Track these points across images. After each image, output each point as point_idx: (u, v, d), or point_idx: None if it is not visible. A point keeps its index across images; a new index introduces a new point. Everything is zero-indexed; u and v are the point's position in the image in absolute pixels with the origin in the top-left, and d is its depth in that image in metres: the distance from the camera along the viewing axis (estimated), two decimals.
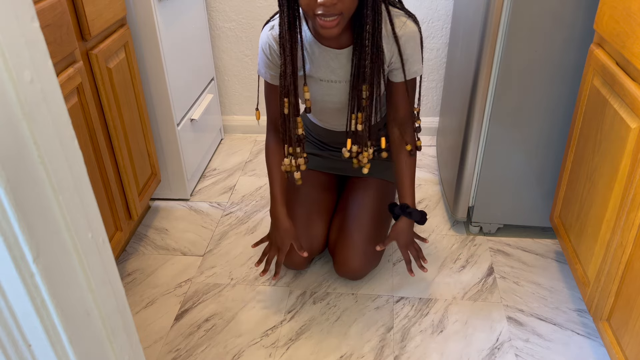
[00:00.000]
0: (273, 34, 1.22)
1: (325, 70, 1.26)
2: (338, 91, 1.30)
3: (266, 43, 1.24)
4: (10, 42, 0.43)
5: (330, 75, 1.27)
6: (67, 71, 1.14)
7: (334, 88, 1.29)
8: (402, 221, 1.33)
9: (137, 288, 1.48)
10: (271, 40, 1.23)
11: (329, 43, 1.24)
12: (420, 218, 1.32)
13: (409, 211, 1.32)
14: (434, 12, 1.97)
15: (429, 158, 2.05)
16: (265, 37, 1.24)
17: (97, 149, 1.28)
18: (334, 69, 1.26)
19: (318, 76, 1.28)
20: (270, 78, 1.29)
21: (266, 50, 1.25)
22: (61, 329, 0.52)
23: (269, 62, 1.26)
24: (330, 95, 1.31)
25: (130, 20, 1.51)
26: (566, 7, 1.26)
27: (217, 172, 2.01)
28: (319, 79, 1.28)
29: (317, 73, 1.27)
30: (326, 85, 1.29)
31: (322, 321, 1.36)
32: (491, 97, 1.41)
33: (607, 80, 1.12)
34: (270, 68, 1.27)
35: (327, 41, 1.23)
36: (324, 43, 1.24)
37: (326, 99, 1.32)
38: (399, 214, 1.33)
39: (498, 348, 1.28)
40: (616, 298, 1.08)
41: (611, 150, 1.10)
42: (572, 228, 1.31)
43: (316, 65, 1.26)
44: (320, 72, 1.27)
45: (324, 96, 1.31)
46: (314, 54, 1.25)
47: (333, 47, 1.23)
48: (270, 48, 1.24)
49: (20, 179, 0.45)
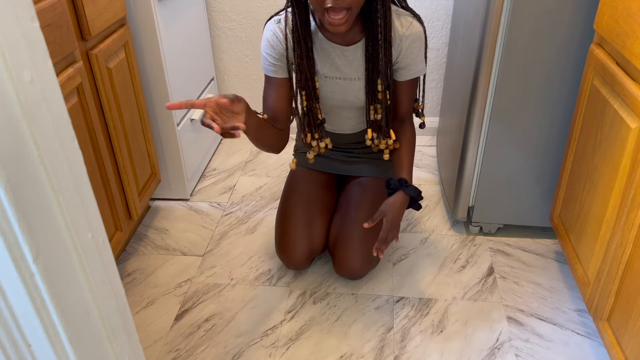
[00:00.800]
0: (280, 26, 1.24)
1: (331, 67, 1.28)
2: (342, 89, 1.30)
3: (272, 33, 1.25)
4: (10, 42, 0.43)
5: (335, 72, 1.28)
6: (67, 71, 1.14)
7: (337, 85, 1.30)
8: (397, 196, 1.27)
9: (137, 288, 1.48)
10: (277, 30, 1.25)
11: (335, 39, 1.24)
12: (417, 194, 1.28)
13: (406, 185, 1.28)
14: (434, 12, 1.97)
15: (429, 158, 2.05)
16: (272, 27, 1.26)
17: (97, 149, 1.28)
18: (340, 66, 1.27)
19: (323, 73, 1.29)
20: (275, 71, 1.29)
21: (272, 40, 1.25)
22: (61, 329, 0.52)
23: (274, 54, 1.27)
24: (334, 92, 1.31)
25: (130, 20, 1.51)
26: (566, 7, 1.26)
27: (217, 172, 2.01)
28: (324, 76, 1.29)
29: (323, 70, 1.29)
30: (331, 83, 1.30)
31: (322, 321, 1.36)
32: (491, 97, 1.41)
33: (607, 80, 1.12)
34: (276, 59, 1.27)
35: (334, 37, 1.24)
36: (331, 39, 1.24)
37: (329, 97, 1.33)
38: (396, 188, 1.28)
39: (498, 348, 1.28)
40: (616, 298, 1.08)
41: (611, 150, 1.10)
42: (572, 228, 1.31)
43: (322, 62, 1.28)
44: (325, 68, 1.28)
45: (327, 93, 1.32)
46: (320, 51, 1.27)
47: (340, 43, 1.25)
48: (277, 37, 1.25)
49: (20, 179, 0.45)
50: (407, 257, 1.56)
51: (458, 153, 1.55)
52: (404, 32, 1.22)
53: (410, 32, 1.22)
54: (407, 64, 1.27)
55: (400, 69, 1.28)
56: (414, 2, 1.95)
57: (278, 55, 1.26)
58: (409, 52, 1.24)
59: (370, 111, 1.32)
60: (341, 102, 1.34)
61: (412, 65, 1.27)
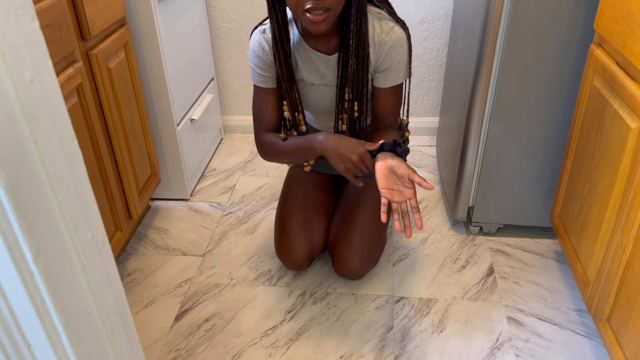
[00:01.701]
0: (265, 36, 1.23)
1: (316, 74, 1.27)
2: (329, 94, 1.30)
3: (257, 43, 1.25)
4: (10, 42, 0.43)
5: (321, 80, 1.28)
6: (67, 71, 1.14)
7: (325, 92, 1.30)
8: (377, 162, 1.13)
9: (137, 288, 1.48)
10: (262, 40, 1.24)
11: (319, 48, 1.24)
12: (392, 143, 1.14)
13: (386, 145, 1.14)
14: (434, 12, 1.97)
15: (429, 158, 2.05)
16: (257, 37, 1.25)
17: (97, 149, 1.28)
18: (324, 74, 1.27)
19: (309, 80, 1.29)
20: (264, 82, 1.29)
21: (258, 50, 1.25)
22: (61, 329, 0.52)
23: (261, 64, 1.26)
24: (321, 98, 1.31)
25: (130, 20, 1.51)
26: (566, 7, 1.26)
27: (217, 172, 2.01)
28: (310, 83, 1.29)
29: (308, 77, 1.28)
30: (317, 89, 1.30)
31: (322, 321, 1.36)
32: (491, 97, 1.41)
33: (607, 80, 1.12)
34: (263, 70, 1.27)
35: (317, 45, 1.23)
36: (314, 47, 1.24)
37: (318, 102, 1.33)
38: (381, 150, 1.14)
39: (498, 348, 1.28)
40: (616, 298, 1.08)
41: (611, 150, 1.10)
42: (572, 228, 1.31)
43: (307, 70, 1.27)
44: (310, 76, 1.28)
45: (316, 99, 1.32)
46: (304, 59, 1.26)
47: (323, 52, 1.24)
48: (262, 47, 1.25)
49: (20, 179, 0.45)
50: (407, 257, 1.56)
51: (458, 153, 1.55)
52: (383, 38, 1.19)
53: (389, 37, 1.19)
54: (386, 68, 1.23)
55: (378, 72, 1.24)
56: (414, 2, 1.95)
57: (265, 65, 1.26)
58: (388, 57, 1.21)
59: (338, 121, 1.28)
60: (330, 108, 1.33)
61: (390, 72, 1.23)
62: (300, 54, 1.26)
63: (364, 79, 1.21)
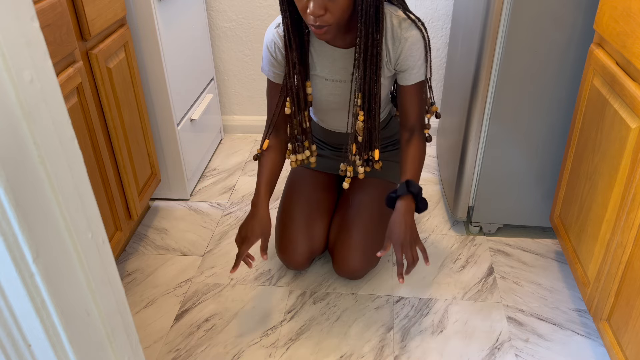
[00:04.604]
0: (279, 32, 1.24)
1: (331, 69, 1.27)
2: (342, 90, 1.30)
3: (271, 41, 1.25)
4: (10, 42, 0.43)
5: (335, 75, 1.28)
6: (67, 71, 1.14)
7: (338, 87, 1.30)
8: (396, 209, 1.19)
9: (137, 288, 1.48)
10: (276, 37, 1.24)
11: (335, 42, 1.24)
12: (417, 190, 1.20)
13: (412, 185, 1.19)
14: (434, 12, 1.97)
15: (429, 158, 2.05)
16: (271, 34, 1.25)
17: (97, 149, 1.28)
18: (339, 69, 1.27)
19: (323, 75, 1.28)
20: (274, 76, 1.29)
21: (271, 48, 1.26)
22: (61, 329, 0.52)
23: (273, 61, 1.27)
24: (334, 94, 1.31)
25: (130, 20, 1.51)
26: (566, 7, 1.26)
27: (217, 172, 2.01)
28: (324, 78, 1.29)
29: (323, 72, 1.28)
30: (331, 85, 1.29)
31: (322, 321, 1.36)
32: (491, 97, 1.41)
33: (607, 80, 1.12)
34: (274, 66, 1.28)
35: (334, 40, 1.24)
36: (331, 42, 1.24)
37: (330, 99, 1.32)
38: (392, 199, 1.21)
39: (498, 348, 1.28)
40: (616, 298, 1.08)
41: (611, 150, 1.10)
42: (572, 228, 1.31)
43: (322, 64, 1.27)
44: (325, 71, 1.28)
45: (328, 95, 1.32)
46: (320, 53, 1.26)
47: (339, 46, 1.24)
48: (276, 46, 1.25)
49: (20, 179, 0.45)
50: None
51: (458, 153, 1.55)
52: (402, 34, 1.20)
53: (409, 34, 1.20)
54: (408, 66, 1.24)
55: (401, 72, 1.25)
56: (414, 2, 1.95)
57: (278, 62, 1.27)
58: (409, 54, 1.22)
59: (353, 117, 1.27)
60: (342, 104, 1.33)
61: (412, 69, 1.24)
62: (315, 48, 1.26)
63: (375, 77, 1.21)
